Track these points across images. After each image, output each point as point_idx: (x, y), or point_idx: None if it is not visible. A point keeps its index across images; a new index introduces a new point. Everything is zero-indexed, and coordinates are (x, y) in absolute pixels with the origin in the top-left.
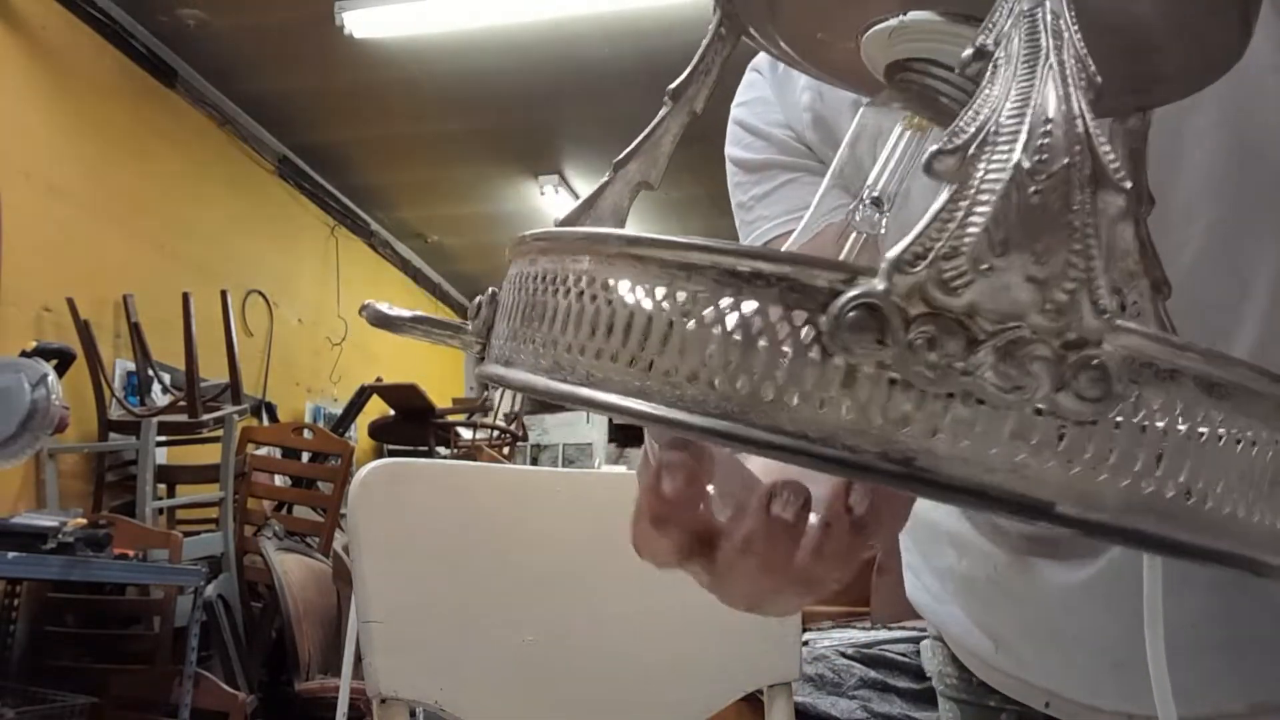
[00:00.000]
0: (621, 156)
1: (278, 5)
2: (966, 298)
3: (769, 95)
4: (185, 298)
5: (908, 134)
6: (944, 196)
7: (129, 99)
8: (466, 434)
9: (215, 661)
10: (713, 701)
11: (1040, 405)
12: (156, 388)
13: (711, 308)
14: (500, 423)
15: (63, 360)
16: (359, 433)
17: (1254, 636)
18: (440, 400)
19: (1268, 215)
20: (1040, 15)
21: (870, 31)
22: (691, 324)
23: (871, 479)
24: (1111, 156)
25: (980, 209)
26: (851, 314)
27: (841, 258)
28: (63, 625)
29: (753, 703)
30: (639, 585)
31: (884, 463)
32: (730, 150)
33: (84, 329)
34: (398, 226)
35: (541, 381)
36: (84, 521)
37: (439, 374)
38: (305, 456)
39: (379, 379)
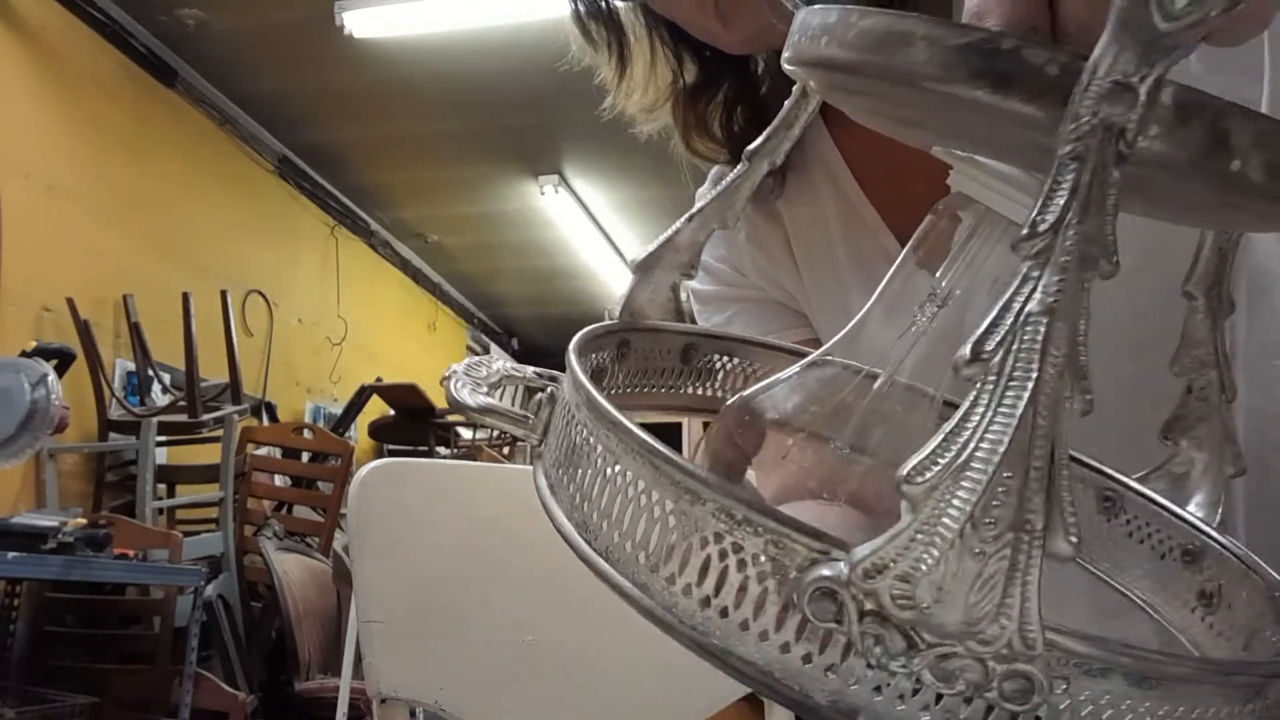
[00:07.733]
0: (698, 208)
1: (278, 5)
2: (909, 616)
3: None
4: (185, 298)
5: (972, 239)
6: (905, 522)
7: (129, 99)
8: (466, 434)
9: (215, 661)
10: (713, 701)
11: (969, 695)
12: (156, 388)
13: (710, 536)
14: None
15: (63, 360)
16: (359, 433)
17: None
18: (440, 400)
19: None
20: (1040, 331)
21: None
22: (692, 544)
23: None
24: (1070, 512)
25: (930, 551)
26: (816, 590)
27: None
28: (63, 625)
29: (753, 703)
30: None
31: (834, 712)
32: None
33: (84, 329)
34: (398, 226)
35: (572, 534)
36: (84, 521)
37: (439, 374)
38: (305, 456)
39: (379, 379)
